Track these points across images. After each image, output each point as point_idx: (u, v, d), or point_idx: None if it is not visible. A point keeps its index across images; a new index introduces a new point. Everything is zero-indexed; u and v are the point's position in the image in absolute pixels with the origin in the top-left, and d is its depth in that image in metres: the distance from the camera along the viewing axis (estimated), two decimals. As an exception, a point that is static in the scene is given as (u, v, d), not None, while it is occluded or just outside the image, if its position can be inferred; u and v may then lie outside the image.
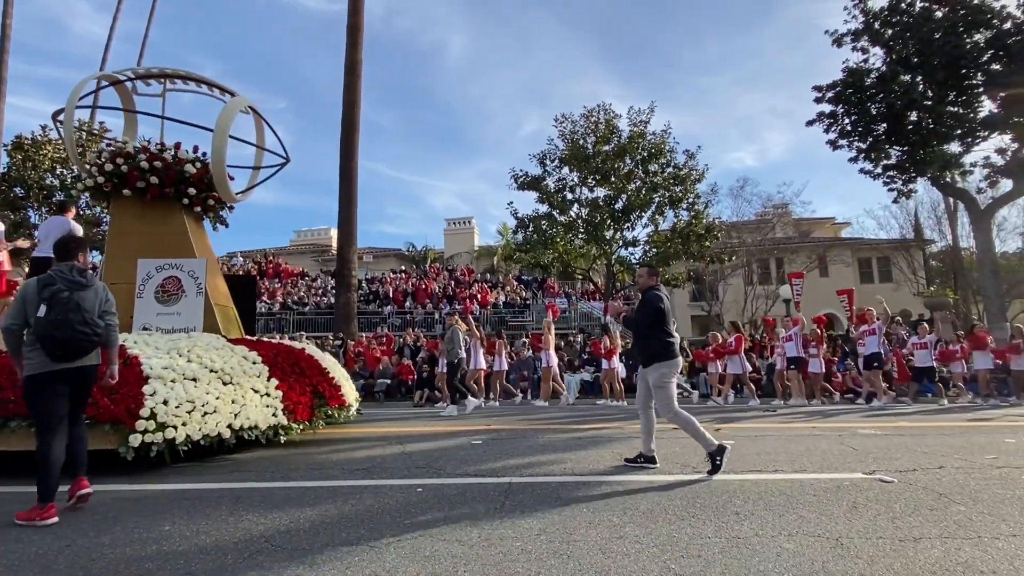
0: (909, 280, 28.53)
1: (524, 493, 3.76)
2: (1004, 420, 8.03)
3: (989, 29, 17.72)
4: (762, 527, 2.99)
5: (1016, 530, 2.93)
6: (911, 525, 3.01)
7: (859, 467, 4.49)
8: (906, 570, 2.40)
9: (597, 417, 8.84)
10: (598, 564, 2.48)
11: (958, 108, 18.77)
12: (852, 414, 9.16)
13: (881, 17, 19.22)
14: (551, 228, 20.31)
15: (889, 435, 6.35)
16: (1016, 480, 4.02)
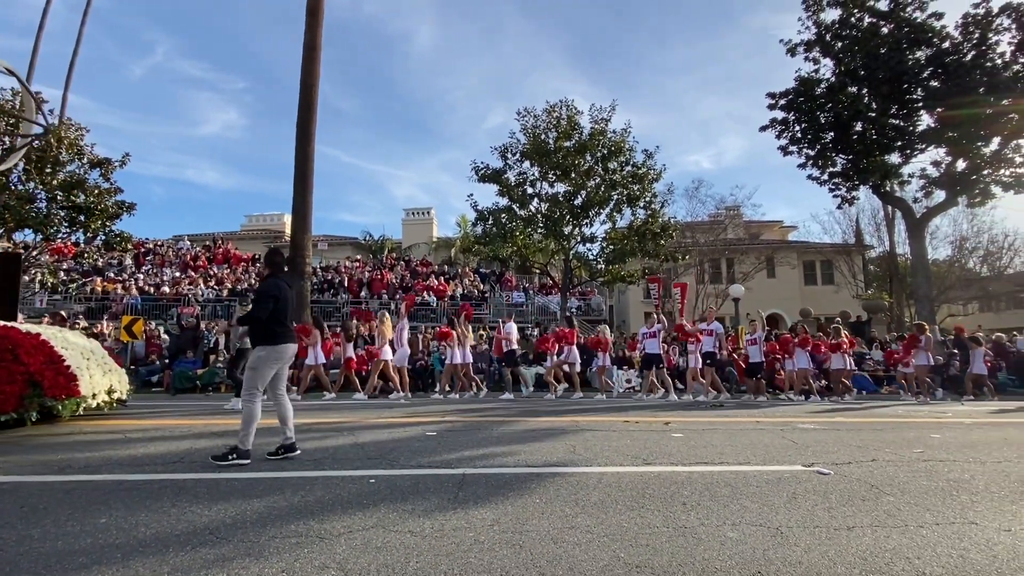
0: (849, 283, 30.00)
1: (477, 484, 3.77)
2: (931, 416, 8.55)
3: (929, 47, 18.74)
4: (708, 517, 3.10)
5: (939, 519, 3.13)
6: (845, 515, 3.18)
7: (799, 460, 4.71)
8: (840, 557, 2.53)
9: (551, 410, 8.94)
10: (550, 553, 2.52)
11: (899, 121, 19.80)
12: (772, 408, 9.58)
13: (832, 30, 20.03)
14: (511, 221, 20.34)
15: (827, 430, 6.67)
16: (940, 472, 4.30)
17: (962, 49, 18.42)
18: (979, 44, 18.25)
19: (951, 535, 2.86)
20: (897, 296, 28.39)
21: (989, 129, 18.57)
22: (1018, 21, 17.76)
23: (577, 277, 22.66)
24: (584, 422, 7.12)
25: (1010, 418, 8.57)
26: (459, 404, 10.12)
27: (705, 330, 12.06)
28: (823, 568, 2.41)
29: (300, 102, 16.31)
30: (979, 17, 18.22)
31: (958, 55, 18.39)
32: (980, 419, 8.30)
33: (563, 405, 10.04)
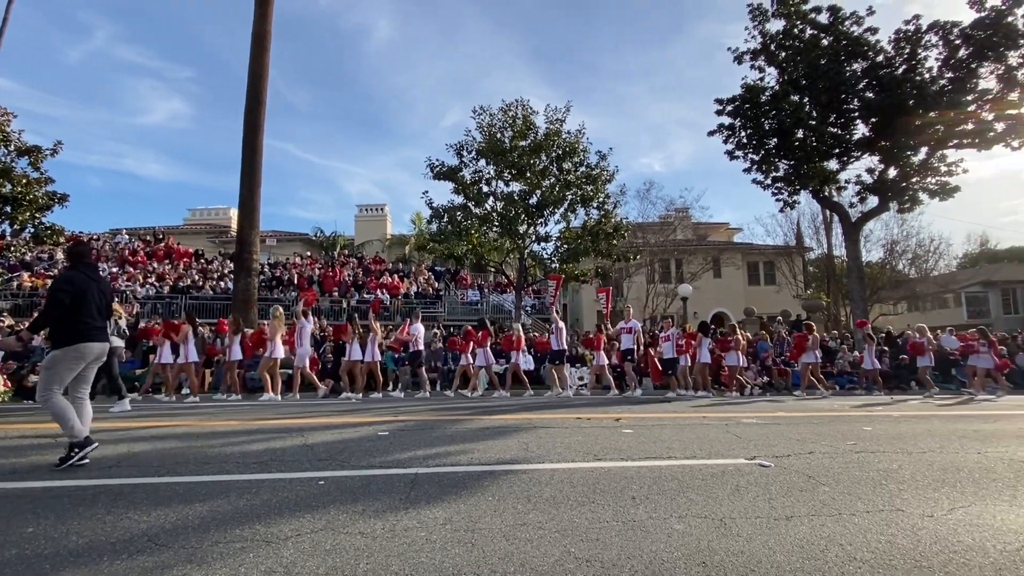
0: (790, 283, 31.36)
1: (430, 484, 3.75)
2: (863, 410, 9.04)
3: (865, 60, 19.76)
4: (656, 510, 3.18)
5: (869, 507, 3.32)
6: (784, 505, 3.33)
7: (742, 453, 4.89)
8: (779, 546, 2.65)
9: (505, 408, 8.97)
10: (502, 550, 2.53)
11: (837, 129, 20.79)
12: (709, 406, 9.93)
13: (777, 40, 20.84)
14: (466, 220, 20.29)
15: (768, 424, 6.95)
16: (871, 463, 4.55)
17: (894, 63, 19.51)
18: (909, 59, 19.37)
19: (880, 522, 3.03)
20: (834, 296, 29.85)
21: (917, 139, 19.73)
22: (945, 39, 18.93)
23: (532, 276, 22.80)
24: (537, 419, 7.18)
25: (923, 411, 9.15)
26: (413, 403, 10.02)
27: (624, 328, 12.43)
28: (763, 556, 2.51)
29: (248, 93, 15.78)
30: (910, 33, 19.34)
31: (891, 68, 19.46)
32: (906, 412, 8.82)
33: (517, 403, 10.09)
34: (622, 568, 2.36)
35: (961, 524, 3.02)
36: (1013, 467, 4.49)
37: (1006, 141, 18.71)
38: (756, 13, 21.01)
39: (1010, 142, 18.66)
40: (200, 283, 21.68)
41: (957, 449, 5.27)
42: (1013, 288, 34.99)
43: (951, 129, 19.20)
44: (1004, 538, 2.81)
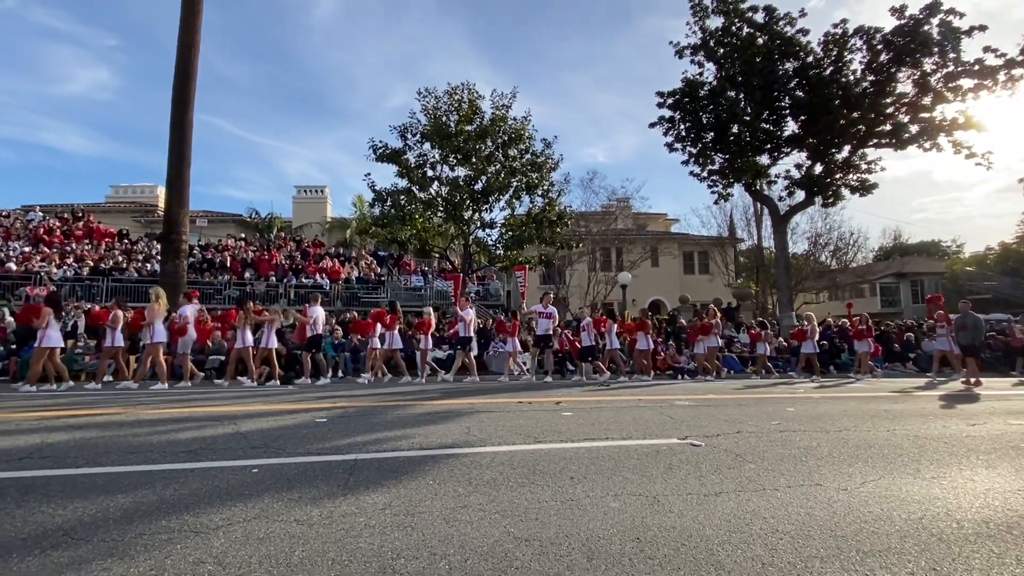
0: (723, 273, 32.74)
1: (370, 469, 3.70)
2: (785, 392, 9.59)
3: (796, 60, 20.69)
4: (593, 489, 3.27)
5: (791, 482, 3.54)
6: (714, 482, 3.50)
7: (675, 434, 5.09)
8: (708, 520, 2.79)
9: (447, 393, 8.95)
10: (441, 533, 2.54)
11: (769, 126, 21.74)
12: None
13: (716, 36, 21.49)
14: (410, 204, 19.99)
15: (699, 406, 7.26)
16: (793, 441, 4.84)
17: (823, 64, 20.54)
18: (836, 61, 20.44)
19: (800, 496, 3.24)
20: (762, 285, 31.39)
21: (842, 138, 20.93)
22: (868, 43, 20.08)
23: (476, 262, 22.76)
24: (480, 404, 7.21)
25: (840, 392, 9.81)
26: (353, 390, 9.84)
27: (543, 313, 12.65)
28: (694, 531, 2.63)
29: (177, 64, 14.86)
30: (837, 36, 20.39)
31: (819, 69, 20.48)
32: (820, 394, 9.43)
33: (460, 388, 10.09)
34: (560, 545, 2.42)
35: (872, 496, 3.27)
36: (917, 443, 4.89)
37: (919, 143, 20.11)
38: (697, 9, 21.56)
39: (922, 144, 20.07)
40: (124, 265, 20.37)
41: (869, 428, 5.68)
42: (921, 279, 37.84)
43: (871, 129, 20.46)
44: (908, 508, 3.06)
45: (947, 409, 7.42)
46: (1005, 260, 35.45)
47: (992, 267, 35.34)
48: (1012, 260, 34.70)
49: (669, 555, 2.34)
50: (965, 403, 8.11)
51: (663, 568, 2.21)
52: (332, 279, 21.62)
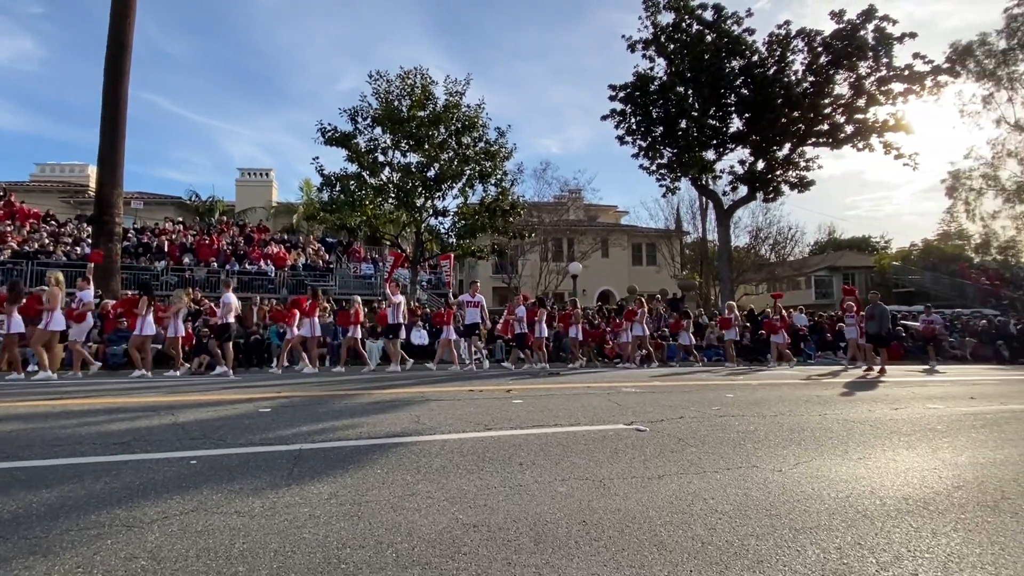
0: (669, 264, 33.63)
1: (315, 459, 3.63)
2: (726, 379, 9.97)
3: (743, 58, 21.35)
4: (541, 475, 3.31)
5: (730, 464, 3.68)
6: (657, 465, 3.60)
7: (621, 419, 5.22)
8: (651, 502, 2.87)
9: (397, 382, 8.86)
10: (389, 521, 2.52)
11: (716, 122, 22.39)
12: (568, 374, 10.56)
13: (667, 32, 21.90)
14: (360, 189, 19.50)
15: (645, 393, 7.46)
16: (732, 426, 5.04)
17: (767, 64, 21.29)
18: (779, 61, 21.22)
19: (738, 478, 3.38)
20: (706, 277, 32.44)
21: (782, 136, 21.79)
22: (809, 45, 20.93)
23: (428, 250, 22.50)
24: (430, 392, 7.17)
25: (782, 380, 10.29)
26: (299, 379, 9.60)
27: (471, 302, 12.71)
28: (638, 513, 2.71)
29: (110, 34, 13.96)
30: (780, 37, 21.15)
31: (763, 68, 21.22)
32: (757, 381, 9.86)
33: (410, 377, 10.01)
34: (508, 531, 2.44)
35: (804, 476, 3.44)
36: (846, 426, 5.18)
37: (853, 142, 21.17)
38: (649, 4, 21.89)
39: (856, 143, 21.14)
40: (51, 248, 19.07)
41: (803, 412, 5.98)
42: (852, 273, 39.94)
43: (810, 128, 21.39)
44: (836, 487, 3.24)
45: (872, 394, 7.90)
46: (927, 256, 37.87)
47: (916, 262, 37.69)
48: (933, 256, 37.11)
49: (614, 537, 2.40)
50: (865, 390, 8.65)
51: (608, 549, 2.27)
52: (278, 266, 20.95)
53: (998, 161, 38.35)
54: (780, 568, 2.14)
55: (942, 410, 6.42)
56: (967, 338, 18.73)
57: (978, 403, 7.12)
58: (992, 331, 19.16)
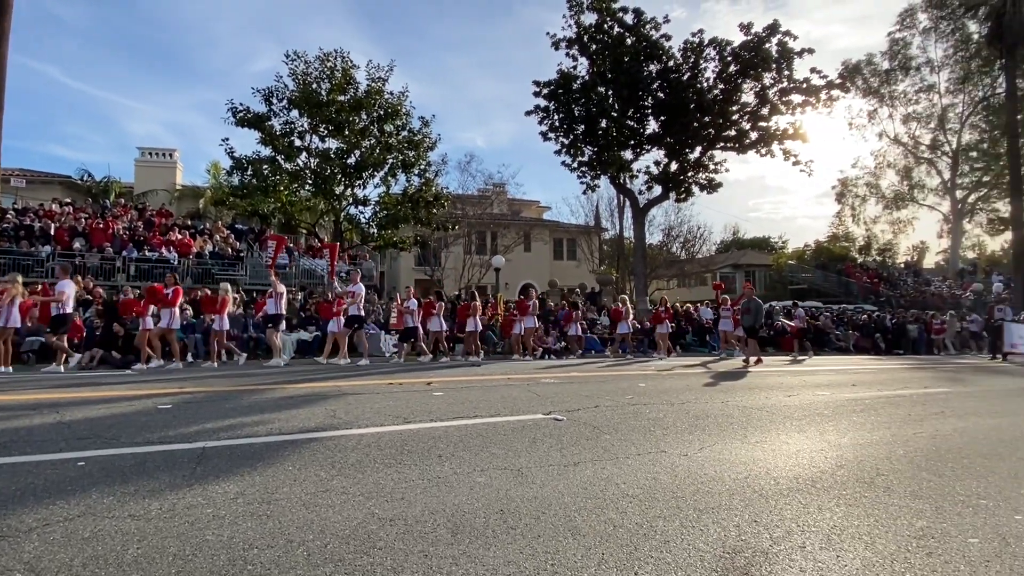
0: (588, 259, 34.61)
1: (221, 457, 3.43)
2: (640, 369, 10.42)
3: (660, 63, 22.22)
4: (460, 466, 3.32)
5: (640, 450, 3.85)
6: (573, 453, 3.71)
7: (540, 409, 5.32)
8: (567, 489, 2.95)
9: (312, 376, 8.55)
10: (300, 519, 2.43)
11: (634, 123, 23.19)
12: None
13: (590, 32, 22.39)
14: (274, 174, 18.57)
15: (563, 383, 7.66)
16: (643, 414, 5.28)
17: (682, 69, 22.28)
18: (693, 67, 22.28)
19: (648, 462, 3.54)
20: (622, 272, 33.66)
21: (694, 139, 22.93)
22: (720, 54, 22.11)
23: (348, 240, 21.82)
24: (347, 386, 6.98)
25: (688, 371, 10.90)
26: (203, 374, 9.04)
27: (348, 292, 12.31)
28: (554, 499, 2.78)
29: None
30: (695, 45, 22.19)
31: (679, 74, 22.20)
32: (667, 371, 10.39)
33: (328, 371, 9.69)
34: (425, 523, 2.42)
35: (708, 460, 3.67)
36: (746, 413, 5.56)
37: (757, 148, 22.64)
38: (573, 3, 22.28)
39: (760, 149, 22.62)
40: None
41: (708, 400, 6.36)
42: (754, 270, 42.85)
43: (719, 133, 22.65)
44: (736, 469, 3.48)
45: (767, 382, 8.53)
46: (818, 256, 41.32)
47: (808, 261, 41.00)
48: (823, 256, 40.54)
49: (530, 524, 2.45)
50: (732, 379, 9.37)
51: (524, 536, 2.31)
52: (182, 253, 19.56)
53: (880, 171, 42.64)
54: (685, 547, 2.27)
55: (828, 397, 7.04)
56: (850, 331, 20.63)
57: (859, 390, 7.87)
58: (872, 325, 21.24)
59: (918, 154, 40.35)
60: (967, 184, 39.13)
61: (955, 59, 36.88)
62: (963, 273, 37.40)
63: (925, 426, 5.11)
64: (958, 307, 26.94)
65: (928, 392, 7.81)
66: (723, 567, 2.10)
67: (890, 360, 16.00)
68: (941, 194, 40.26)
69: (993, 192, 38.53)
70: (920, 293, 31.79)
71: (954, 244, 40.32)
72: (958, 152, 38.04)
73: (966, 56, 35.97)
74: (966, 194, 39.26)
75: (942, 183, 39.68)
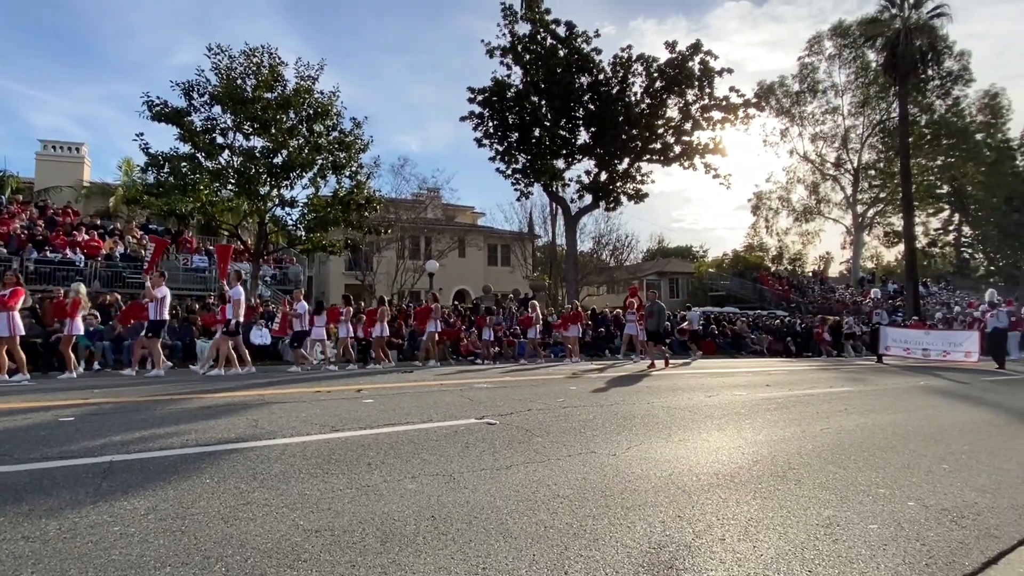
0: (522, 265, 34.99)
1: (130, 472, 3.20)
2: (570, 374, 10.61)
3: (591, 75, 22.85)
4: (390, 473, 3.26)
5: (571, 451, 3.93)
6: (506, 456, 3.73)
7: (473, 414, 5.32)
8: (499, 492, 2.97)
9: (235, 385, 8.13)
10: (219, 534, 2.31)
11: (566, 133, 23.70)
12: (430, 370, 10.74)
13: (523, 42, 22.71)
14: (193, 172, 17.48)
15: (497, 388, 7.68)
16: (574, 416, 5.38)
17: (611, 83, 22.99)
18: (622, 82, 23.05)
19: (578, 463, 3.61)
20: (554, 278, 34.24)
21: (623, 151, 23.71)
22: (647, 70, 23.00)
23: (273, 243, 20.90)
24: (271, 395, 6.69)
25: (612, 373, 11.21)
26: (113, 385, 8.38)
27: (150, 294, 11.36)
28: (486, 503, 2.78)
29: None
30: (623, 60, 22.97)
31: (608, 87, 22.90)
32: (597, 374, 10.65)
33: (250, 379, 9.24)
34: (353, 532, 2.36)
35: (635, 459, 3.79)
36: (670, 413, 5.79)
37: (681, 161, 23.69)
38: (507, 12, 22.53)
39: (683, 162, 23.69)
40: None
41: (635, 401, 6.57)
42: (677, 278, 44.76)
43: (646, 146, 23.54)
44: (660, 467, 3.61)
45: (690, 383, 8.91)
46: (736, 264, 43.87)
47: (727, 270, 43.40)
48: (740, 265, 43.10)
49: (462, 529, 2.44)
50: (655, 381, 9.81)
51: (455, 542, 2.30)
52: (89, 255, 18.14)
53: (791, 186, 45.79)
54: (613, 544, 2.33)
55: (745, 397, 7.45)
56: (764, 335, 21.91)
57: (772, 390, 8.38)
58: (783, 329, 22.64)
59: (824, 171, 43.57)
60: (866, 200, 42.61)
61: (856, 84, 40.16)
62: (863, 281, 40.63)
63: (831, 422, 5.50)
64: (859, 312, 29.23)
65: (833, 391, 8.41)
66: (649, 562, 2.18)
67: (800, 362, 17.11)
68: (844, 208, 43.62)
69: (888, 208, 42.20)
70: (826, 300, 34.24)
71: (855, 255, 43.75)
72: (859, 170, 41.36)
73: (866, 82, 39.24)
74: (865, 209, 42.72)
75: (845, 198, 43.01)
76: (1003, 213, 42.35)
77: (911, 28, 26.04)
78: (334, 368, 11.83)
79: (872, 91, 39.00)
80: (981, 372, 13.15)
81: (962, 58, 37.27)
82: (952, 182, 42.26)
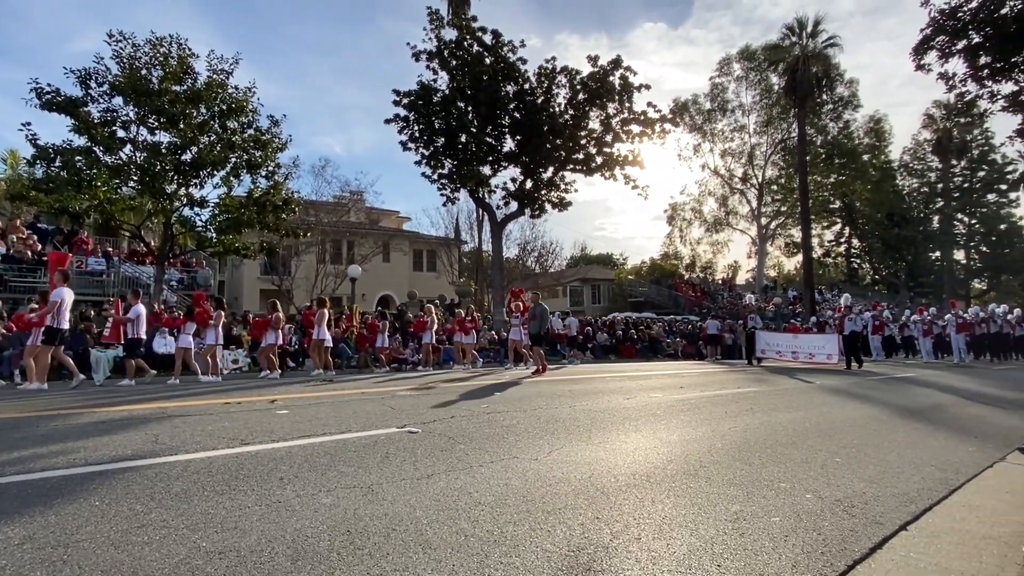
0: (448, 271, 34.79)
1: (4, 497, 2.87)
2: (493, 379, 10.63)
3: (516, 84, 23.14)
4: (304, 488, 3.11)
5: (493, 457, 3.92)
6: (427, 465, 3.66)
7: (394, 423, 5.19)
8: (419, 502, 2.90)
9: (133, 398, 7.51)
10: (108, 561, 2.11)
11: (492, 140, 23.86)
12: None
13: (450, 48, 22.68)
14: (90, 167, 16.05)
15: (420, 395, 7.56)
16: (498, 421, 5.38)
17: (536, 93, 23.40)
18: (546, 92, 23.51)
19: (501, 469, 3.61)
20: (480, 284, 34.30)
21: (547, 160, 24.17)
22: (570, 82, 23.59)
23: (180, 245, 19.56)
24: (174, 408, 6.23)
25: (536, 378, 11.37)
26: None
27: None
28: (405, 515, 2.71)
29: None
30: (548, 71, 23.45)
31: (533, 96, 23.29)
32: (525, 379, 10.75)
33: (151, 392, 8.57)
34: (262, 552, 2.23)
35: (556, 463, 3.83)
36: (591, 416, 5.92)
37: (602, 172, 24.45)
38: (434, 17, 22.43)
39: (604, 173, 24.46)
40: None
41: (557, 406, 6.67)
42: (599, 284, 46.16)
43: (569, 156, 24.12)
44: (581, 469, 3.68)
45: (610, 387, 9.18)
46: (653, 272, 46.00)
47: (645, 277, 45.31)
48: (657, 272, 45.29)
49: (379, 543, 2.36)
50: (577, 385, 10.14)
51: (372, 556, 2.22)
52: (-40, 255, 16.21)
53: (703, 198, 48.48)
54: (534, 549, 2.34)
55: (661, 398, 7.76)
56: (678, 339, 22.99)
57: (685, 391, 8.78)
58: (696, 333, 23.83)
59: (732, 185, 46.39)
60: (769, 213, 45.81)
61: (761, 105, 43.15)
62: (766, 289, 43.60)
63: (738, 421, 5.83)
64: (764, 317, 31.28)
65: (741, 392, 8.93)
66: (568, 565, 2.20)
67: (711, 364, 18.05)
68: (750, 220, 46.61)
69: (789, 220, 45.58)
70: (734, 305, 36.40)
71: (760, 264, 46.83)
72: (763, 185, 44.37)
73: (769, 103, 42.25)
74: (769, 221, 45.90)
75: (751, 211, 45.98)
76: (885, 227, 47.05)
77: (808, 55, 28.35)
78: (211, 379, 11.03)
79: (775, 112, 42.01)
80: (856, 374, 14.41)
81: (851, 85, 41.01)
82: (843, 198, 46.37)
